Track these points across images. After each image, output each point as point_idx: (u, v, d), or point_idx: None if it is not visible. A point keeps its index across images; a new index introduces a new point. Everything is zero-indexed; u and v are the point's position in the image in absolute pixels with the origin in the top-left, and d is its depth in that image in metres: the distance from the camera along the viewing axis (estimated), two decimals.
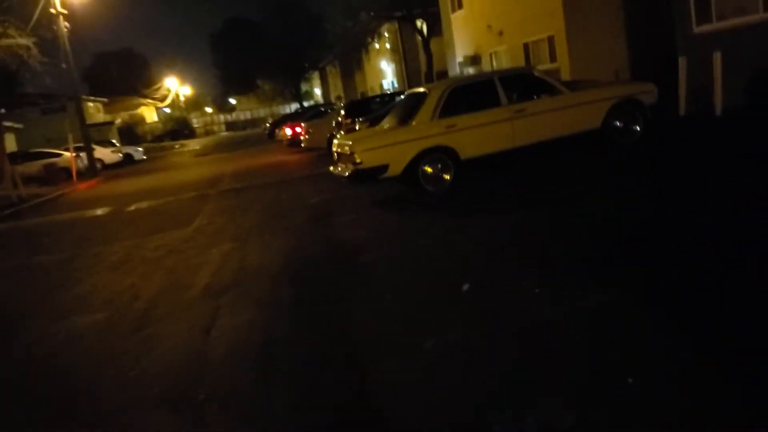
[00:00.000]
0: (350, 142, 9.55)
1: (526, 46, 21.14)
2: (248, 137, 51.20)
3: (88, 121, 60.66)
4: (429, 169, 9.51)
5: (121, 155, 37.55)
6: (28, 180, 26.20)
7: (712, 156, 8.72)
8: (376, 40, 40.76)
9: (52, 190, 23.43)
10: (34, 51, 26.70)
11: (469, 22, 25.86)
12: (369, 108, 19.22)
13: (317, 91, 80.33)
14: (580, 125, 10.00)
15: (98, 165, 35.35)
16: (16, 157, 30.10)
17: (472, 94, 9.85)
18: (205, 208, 12.83)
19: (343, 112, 19.85)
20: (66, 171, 27.56)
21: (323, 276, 6.44)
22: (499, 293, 4.94)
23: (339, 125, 18.95)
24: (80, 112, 30.29)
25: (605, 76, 17.28)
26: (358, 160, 9.25)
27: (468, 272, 5.58)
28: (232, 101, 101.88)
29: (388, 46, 40.32)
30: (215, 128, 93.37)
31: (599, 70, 17.54)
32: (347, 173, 9.49)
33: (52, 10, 28.23)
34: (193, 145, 56.65)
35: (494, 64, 24.30)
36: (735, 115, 11.45)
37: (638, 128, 10.29)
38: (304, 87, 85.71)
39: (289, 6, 56.83)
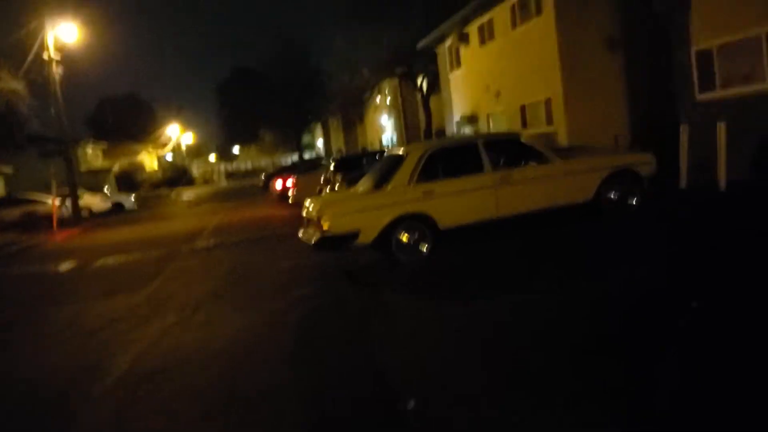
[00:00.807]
0: (318, 206, 8.71)
1: (522, 108, 20.56)
2: (245, 188, 50.48)
3: (87, 167, 60.62)
4: (404, 238, 8.65)
5: (110, 203, 36.67)
6: (8, 227, 25.48)
7: (714, 236, 7.86)
8: (376, 95, 40.50)
9: (27, 238, 22.56)
10: (23, 94, 26.34)
11: (468, 82, 25.42)
12: (360, 164, 18.51)
13: (319, 143, 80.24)
14: (571, 196, 9.18)
15: (86, 213, 34.70)
16: (0, 203, 29.48)
17: (454, 159, 9.06)
18: (170, 267, 11.94)
19: (332, 167, 19.12)
20: (48, 219, 26.69)
21: (250, 375, 5.46)
22: (447, 418, 4.00)
23: (327, 181, 18.19)
24: (68, 158, 29.56)
25: (604, 141, 16.57)
26: (325, 226, 8.39)
27: (421, 383, 4.64)
28: (236, 151, 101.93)
29: (388, 101, 40.05)
30: (216, 177, 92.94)
31: (598, 136, 16.86)
32: (313, 240, 8.62)
33: (45, 56, 27.88)
34: (190, 194, 55.94)
35: (491, 125, 23.73)
36: (740, 189, 10.63)
37: (634, 202, 9.45)
38: (306, 138, 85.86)
39: (291, 57, 57.08)
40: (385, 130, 41.41)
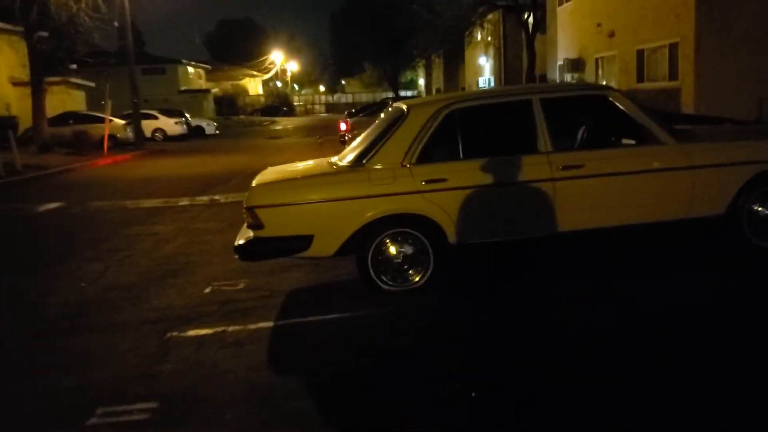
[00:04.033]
0: (252, 187, 5.37)
1: (640, 54, 16.17)
2: (334, 122, 47.57)
3: (185, 87, 59.70)
4: (392, 252, 5.21)
5: (185, 127, 34.71)
6: (61, 145, 23.89)
7: None
8: (477, 31, 36.02)
9: (66, 161, 20.75)
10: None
11: (577, 19, 20.97)
12: None
13: (421, 82, 76.29)
14: (688, 206, 5.35)
15: (160, 136, 33.07)
16: (66, 119, 28.01)
17: (486, 126, 5.44)
18: (133, 231, 9.21)
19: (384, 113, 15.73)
20: (109, 139, 24.88)
21: None
22: None
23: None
24: (132, 77, 27.35)
25: (744, 108, 12.22)
26: (257, 222, 5.07)
27: None
28: (344, 83, 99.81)
29: (489, 39, 35.56)
30: (317, 108, 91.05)
31: (737, 99, 12.51)
32: (237, 242, 5.33)
33: None
34: (281, 124, 53.62)
35: (601, 72, 19.38)
36: None
37: None
38: (410, 75, 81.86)
39: None
40: (483, 71, 37.05)
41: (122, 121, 28.69)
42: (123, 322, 5.18)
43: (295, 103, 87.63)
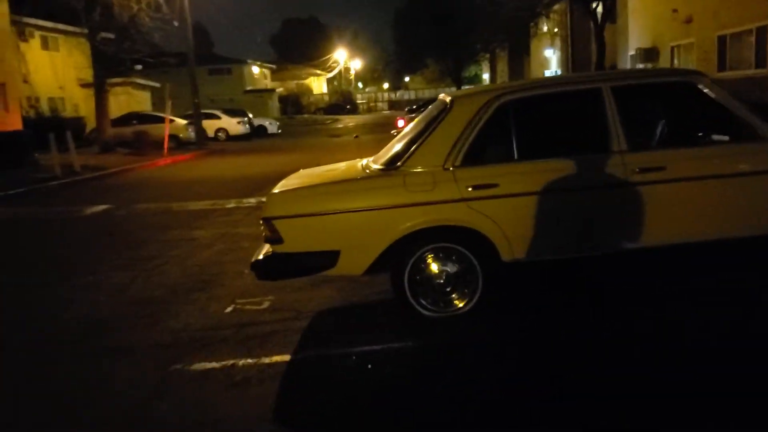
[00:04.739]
0: (270, 194, 4.67)
1: (722, 41, 14.85)
2: (394, 119, 46.80)
3: (251, 87, 60.29)
4: (433, 270, 4.43)
5: (247, 127, 34.64)
6: (123, 145, 24.09)
7: None
8: (543, 23, 34.66)
9: (125, 161, 20.74)
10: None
11: (649, 5, 19.65)
12: None
13: (486, 76, 74.87)
14: None
15: (223, 135, 33.14)
16: (130, 119, 28.36)
17: (546, 121, 4.59)
18: (170, 235, 8.74)
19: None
20: (171, 139, 24.94)
21: None
22: None
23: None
24: (192, 77, 27.41)
25: None
26: (276, 235, 4.38)
27: None
28: (407, 79, 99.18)
29: (556, 30, 34.16)
30: (380, 105, 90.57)
31: None
32: (254, 257, 4.64)
33: None
34: (343, 122, 53.18)
35: (676, 61, 18.02)
36: None
37: None
38: (473, 70, 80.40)
39: None
40: (550, 64, 35.65)
41: (184, 121, 28.81)
42: (131, 346, 4.61)
43: (358, 101, 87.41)
